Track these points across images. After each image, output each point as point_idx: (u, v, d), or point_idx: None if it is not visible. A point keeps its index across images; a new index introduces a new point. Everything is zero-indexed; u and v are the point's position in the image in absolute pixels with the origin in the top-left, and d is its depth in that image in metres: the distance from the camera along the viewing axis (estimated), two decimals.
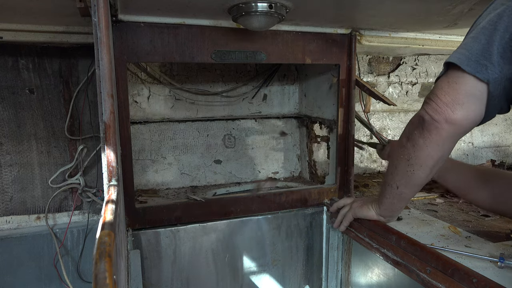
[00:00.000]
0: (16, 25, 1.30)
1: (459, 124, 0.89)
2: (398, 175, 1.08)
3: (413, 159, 1.01)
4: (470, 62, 0.85)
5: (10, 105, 1.49)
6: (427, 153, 0.97)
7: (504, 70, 0.83)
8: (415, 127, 0.98)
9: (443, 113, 0.89)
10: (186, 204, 1.43)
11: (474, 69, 0.84)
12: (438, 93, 0.90)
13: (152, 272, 1.40)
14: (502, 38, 0.82)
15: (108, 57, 0.82)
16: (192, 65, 1.77)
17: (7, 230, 1.51)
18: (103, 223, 0.60)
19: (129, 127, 1.29)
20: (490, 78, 0.83)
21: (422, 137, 0.96)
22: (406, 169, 1.03)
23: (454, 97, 0.87)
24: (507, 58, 0.82)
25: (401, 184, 1.08)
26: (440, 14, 1.30)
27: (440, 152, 0.96)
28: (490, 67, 0.83)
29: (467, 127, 0.90)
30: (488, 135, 2.52)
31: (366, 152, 2.22)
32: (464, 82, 0.86)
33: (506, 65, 0.83)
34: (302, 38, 1.47)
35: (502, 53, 0.82)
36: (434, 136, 0.93)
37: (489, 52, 0.83)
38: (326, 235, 1.65)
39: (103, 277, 0.47)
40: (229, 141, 1.90)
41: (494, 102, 0.87)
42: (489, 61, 0.83)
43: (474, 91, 0.86)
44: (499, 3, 0.86)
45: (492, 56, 0.83)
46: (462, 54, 0.86)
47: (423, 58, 2.23)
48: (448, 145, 0.95)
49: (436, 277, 1.02)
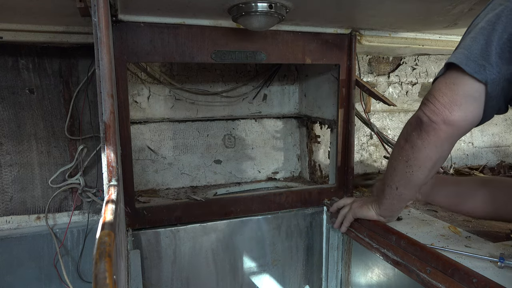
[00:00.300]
0: (16, 25, 1.30)
1: (457, 125, 0.89)
2: (397, 176, 1.07)
3: (412, 161, 1.00)
4: (469, 62, 0.84)
5: (10, 105, 1.49)
6: (425, 155, 0.97)
7: (502, 70, 0.82)
8: (413, 128, 0.98)
9: (441, 114, 0.89)
10: (186, 204, 1.43)
11: (472, 69, 0.84)
12: (436, 94, 0.90)
13: (152, 272, 1.40)
14: (500, 38, 0.81)
15: (108, 57, 0.82)
16: (192, 65, 1.77)
17: (7, 230, 1.51)
18: (103, 223, 0.60)
19: (129, 127, 1.29)
20: (488, 78, 0.83)
21: (420, 139, 0.95)
22: (405, 170, 1.03)
23: (452, 98, 0.87)
24: (505, 59, 0.82)
25: (400, 185, 1.08)
26: (440, 14, 1.30)
27: (438, 153, 0.96)
28: (489, 68, 0.83)
29: (466, 128, 0.90)
30: (488, 135, 2.52)
31: (366, 152, 2.22)
32: (462, 83, 0.86)
33: (504, 66, 0.82)
34: (302, 38, 1.47)
35: (500, 54, 0.82)
36: (432, 138, 0.93)
37: (488, 52, 0.83)
38: (326, 235, 1.65)
39: (103, 277, 0.47)
40: (229, 141, 1.90)
41: (492, 103, 0.86)
42: (488, 62, 0.83)
43: (472, 92, 0.86)
44: (497, 3, 0.85)
45: (491, 57, 0.82)
46: (461, 54, 0.86)
47: (423, 58, 2.23)
48: (446, 146, 0.95)
49: (436, 277, 1.02)
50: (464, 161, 2.44)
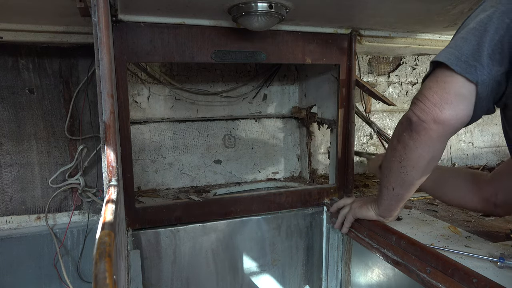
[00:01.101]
0: (16, 25, 1.30)
1: (447, 124, 0.88)
2: (392, 177, 1.07)
3: (405, 161, 1.00)
4: (459, 62, 0.84)
5: (10, 105, 1.49)
6: (418, 154, 0.96)
7: (492, 71, 0.82)
8: (404, 128, 0.97)
9: (431, 113, 0.88)
10: (186, 204, 1.43)
11: (463, 69, 0.83)
12: (426, 93, 0.89)
13: (152, 272, 1.40)
14: (491, 39, 0.81)
15: (108, 57, 0.82)
16: (192, 65, 1.77)
17: (7, 230, 1.51)
18: (103, 223, 0.60)
19: (129, 127, 1.29)
20: (479, 79, 0.83)
21: (411, 139, 0.95)
22: (400, 171, 1.03)
23: (443, 96, 0.86)
24: (496, 60, 0.82)
25: (396, 185, 1.08)
26: (440, 14, 1.30)
27: (431, 153, 0.96)
28: (479, 68, 0.82)
29: (456, 126, 0.89)
30: (488, 135, 2.52)
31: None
32: (453, 81, 0.85)
33: (494, 67, 0.82)
34: (302, 38, 1.47)
35: (491, 55, 0.82)
36: (423, 137, 0.92)
37: (479, 53, 0.82)
38: (326, 235, 1.65)
39: (103, 277, 0.47)
40: (229, 141, 1.90)
41: (481, 104, 0.86)
42: (479, 62, 0.82)
43: (463, 91, 0.85)
44: (488, 5, 0.85)
45: (482, 58, 0.82)
46: (451, 54, 0.85)
47: (423, 58, 2.23)
48: (438, 145, 0.94)
49: (436, 277, 1.02)
50: (464, 161, 2.44)
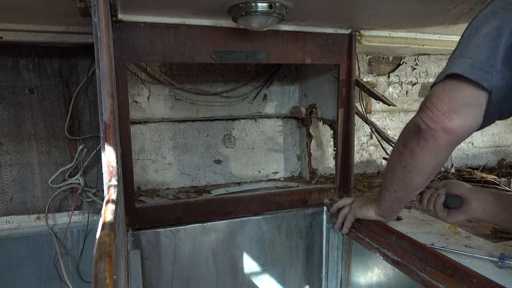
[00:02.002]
0: (16, 25, 1.30)
1: (456, 133, 0.88)
2: (395, 180, 1.07)
3: (410, 166, 1.00)
4: (474, 70, 0.83)
5: (10, 105, 1.49)
6: (424, 161, 0.96)
7: (505, 76, 0.82)
8: (412, 134, 0.97)
9: (440, 122, 0.88)
10: (186, 204, 1.43)
11: (480, 76, 0.82)
12: (434, 101, 0.89)
13: (152, 272, 1.40)
14: (505, 44, 0.81)
15: (108, 57, 0.82)
16: (192, 65, 1.77)
17: (7, 230, 1.51)
18: (103, 223, 0.60)
19: (129, 127, 1.29)
20: (494, 85, 0.82)
21: (419, 146, 0.95)
22: (404, 176, 1.03)
23: (450, 106, 0.86)
24: (509, 64, 0.81)
25: (399, 189, 1.08)
26: (440, 14, 1.30)
27: (437, 160, 0.96)
28: (495, 74, 0.82)
29: (465, 135, 0.89)
30: (488, 135, 2.52)
31: (366, 152, 2.22)
32: (461, 90, 0.85)
33: (507, 72, 0.82)
34: (302, 38, 1.47)
35: (505, 60, 0.81)
36: (431, 145, 0.92)
37: (494, 59, 0.82)
38: (326, 235, 1.64)
39: (103, 277, 0.47)
40: (229, 141, 1.90)
41: (493, 109, 0.85)
42: (494, 68, 0.82)
43: (471, 99, 0.85)
44: (497, 6, 0.84)
45: (497, 63, 0.81)
46: (464, 64, 0.84)
47: (423, 58, 2.23)
48: (446, 152, 0.94)
49: (436, 277, 1.02)
50: (464, 161, 2.44)
